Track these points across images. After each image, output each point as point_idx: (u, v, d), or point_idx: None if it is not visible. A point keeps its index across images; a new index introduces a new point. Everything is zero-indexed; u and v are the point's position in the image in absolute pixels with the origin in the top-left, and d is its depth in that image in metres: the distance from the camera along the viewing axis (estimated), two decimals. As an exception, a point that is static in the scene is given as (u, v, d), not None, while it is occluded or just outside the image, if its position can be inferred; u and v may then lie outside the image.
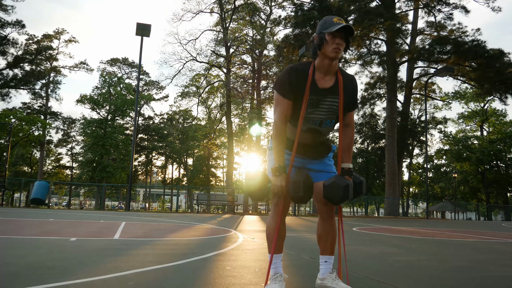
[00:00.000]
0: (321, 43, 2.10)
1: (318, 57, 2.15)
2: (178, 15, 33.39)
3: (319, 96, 2.16)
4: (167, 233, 6.23)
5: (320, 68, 2.15)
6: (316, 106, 2.17)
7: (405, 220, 18.66)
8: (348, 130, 2.29)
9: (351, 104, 2.25)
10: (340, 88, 2.17)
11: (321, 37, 2.10)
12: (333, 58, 2.09)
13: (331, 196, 2.15)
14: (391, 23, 25.65)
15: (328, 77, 2.17)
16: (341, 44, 2.08)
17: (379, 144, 40.91)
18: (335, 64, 2.14)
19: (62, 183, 48.73)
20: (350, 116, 2.28)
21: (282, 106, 2.16)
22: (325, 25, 2.10)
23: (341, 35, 2.07)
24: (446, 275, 3.15)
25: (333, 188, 2.13)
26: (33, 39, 39.38)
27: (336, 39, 2.06)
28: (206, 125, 37.93)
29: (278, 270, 2.26)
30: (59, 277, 2.47)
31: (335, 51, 2.07)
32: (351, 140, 2.30)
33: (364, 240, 6.15)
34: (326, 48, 2.08)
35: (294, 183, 2.10)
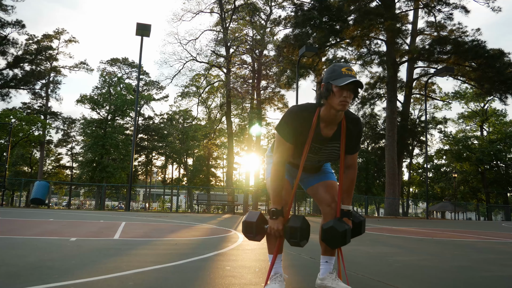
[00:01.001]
0: (328, 94, 2.03)
1: (324, 106, 2.09)
2: (178, 15, 33.37)
3: (321, 145, 2.16)
4: (167, 233, 6.23)
5: (325, 117, 2.11)
6: (317, 153, 2.19)
7: (405, 220, 18.66)
8: (350, 172, 2.25)
9: (353, 147, 2.22)
10: (342, 134, 2.15)
11: (328, 88, 2.02)
12: (340, 111, 2.04)
13: (328, 241, 2.14)
14: (391, 23, 25.65)
15: (331, 125, 2.14)
16: (349, 97, 2.00)
17: (379, 144, 40.91)
18: (340, 115, 2.10)
19: (62, 183, 48.73)
20: (353, 158, 2.25)
21: (282, 149, 2.14)
22: (333, 75, 2.02)
23: (350, 86, 2.00)
24: (446, 275, 3.15)
25: (331, 233, 2.11)
26: (33, 39, 39.40)
27: (344, 92, 1.99)
28: (206, 125, 37.93)
29: (278, 270, 2.26)
30: (59, 277, 2.47)
31: (342, 103, 2.00)
32: (353, 182, 2.26)
33: (364, 240, 6.15)
34: (333, 99, 2.02)
35: (290, 228, 2.08)
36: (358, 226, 2.25)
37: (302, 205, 38.00)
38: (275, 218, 2.12)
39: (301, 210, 35.57)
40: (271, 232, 2.14)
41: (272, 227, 2.12)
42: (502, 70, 26.55)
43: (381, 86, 35.68)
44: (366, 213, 28.01)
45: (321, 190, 2.31)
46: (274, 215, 2.12)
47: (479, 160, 39.47)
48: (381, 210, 49.09)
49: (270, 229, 2.13)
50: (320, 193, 2.32)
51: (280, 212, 2.13)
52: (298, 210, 23.72)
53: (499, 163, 41.68)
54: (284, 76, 27.72)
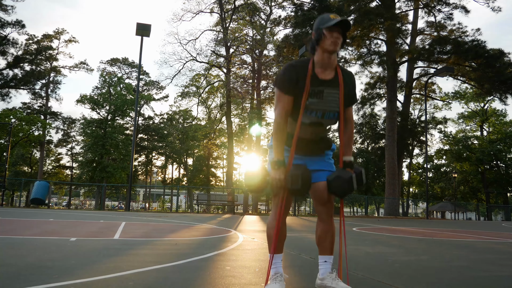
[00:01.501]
0: (319, 38, 2.16)
1: (317, 52, 2.21)
2: (178, 15, 33.45)
3: (320, 87, 2.20)
4: (167, 233, 6.23)
5: (319, 62, 2.20)
6: (319, 97, 2.20)
7: (405, 220, 18.66)
8: (348, 124, 2.35)
9: (351, 98, 2.30)
10: (340, 80, 2.23)
11: (319, 32, 2.16)
12: (332, 51, 2.15)
13: (335, 190, 2.20)
14: (391, 23, 25.66)
15: (327, 71, 2.22)
16: (338, 38, 2.14)
17: (379, 144, 40.89)
18: (334, 58, 2.20)
19: (62, 183, 48.73)
20: (349, 110, 2.34)
21: (283, 102, 2.20)
22: (322, 21, 2.17)
23: (338, 29, 2.14)
24: (446, 275, 3.15)
25: (338, 182, 2.18)
26: (33, 39, 39.39)
27: (333, 33, 2.13)
28: (206, 125, 37.93)
29: (278, 270, 2.26)
30: (59, 277, 2.47)
31: (333, 44, 2.13)
32: (351, 134, 2.36)
33: (364, 240, 6.15)
34: (324, 42, 2.14)
35: (292, 176, 2.12)
36: (360, 175, 2.30)
37: (302, 205, 38.01)
38: (277, 168, 2.17)
39: (301, 210, 35.57)
40: (273, 183, 2.18)
41: (274, 177, 2.17)
42: (502, 70, 26.55)
43: (381, 86, 35.68)
44: (366, 213, 28.01)
45: (321, 189, 2.31)
46: (276, 166, 2.18)
47: (479, 160, 39.46)
48: (381, 210, 49.08)
49: (273, 180, 2.18)
50: (318, 192, 2.31)
51: (282, 163, 2.18)
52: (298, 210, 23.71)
53: (499, 163, 41.66)
54: (284, 76, 27.65)
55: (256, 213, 21.77)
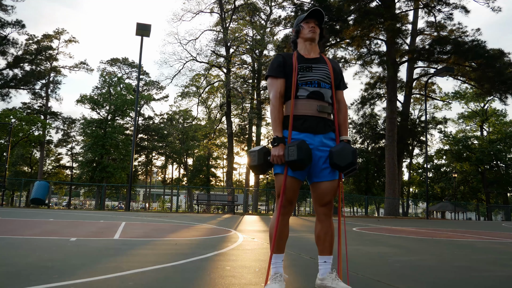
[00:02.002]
0: (298, 30, 2.43)
1: (299, 44, 2.44)
2: (178, 15, 33.51)
3: (308, 63, 2.35)
4: (167, 233, 6.23)
5: (303, 49, 2.42)
6: (309, 70, 2.33)
7: (405, 220, 18.66)
8: (341, 105, 2.44)
9: (339, 80, 2.45)
10: (326, 59, 2.42)
11: (298, 28, 2.44)
12: (311, 39, 2.38)
13: (339, 161, 2.19)
14: (391, 23, 25.65)
15: (311, 54, 2.41)
16: (315, 27, 2.39)
17: (379, 144, 40.90)
18: (315, 46, 2.42)
19: (62, 183, 48.72)
20: (340, 93, 2.46)
21: (275, 85, 2.33)
22: (300, 18, 2.44)
23: (314, 20, 2.39)
24: (446, 275, 3.15)
25: (343, 152, 2.19)
26: (33, 39, 39.42)
27: (310, 24, 2.39)
28: (206, 125, 37.94)
29: (278, 270, 2.26)
30: (59, 277, 2.47)
31: (311, 31, 2.37)
32: (346, 114, 2.44)
33: (364, 240, 6.15)
34: (303, 32, 2.40)
35: (289, 148, 2.15)
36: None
37: (302, 205, 38.03)
38: (276, 144, 2.22)
39: (301, 210, 35.58)
40: (273, 160, 2.21)
41: (274, 154, 2.20)
42: (502, 70, 26.57)
43: (381, 86, 35.70)
44: (366, 213, 28.01)
45: (323, 190, 2.29)
46: (275, 142, 2.22)
47: (479, 160, 39.46)
48: (381, 210, 49.08)
49: (273, 157, 2.21)
50: (320, 192, 2.30)
51: (281, 139, 2.23)
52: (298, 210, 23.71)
53: (499, 163, 41.66)
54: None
55: (256, 213, 21.78)
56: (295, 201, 2.34)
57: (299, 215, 21.90)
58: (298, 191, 2.29)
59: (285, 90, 2.33)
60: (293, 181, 2.25)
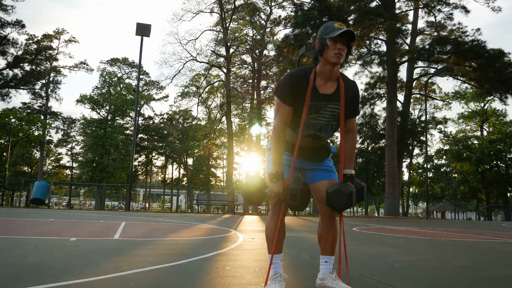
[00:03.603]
0: (322, 49, 2.08)
1: (320, 63, 2.13)
2: (178, 15, 33.38)
3: (320, 102, 2.14)
4: (167, 233, 6.23)
5: (322, 74, 2.13)
6: (318, 112, 2.16)
7: (405, 220, 18.65)
8: (350, 136, 2.27)
9: (352, 110, 2.23)
10: (341, 94, 2.15)
11: (323, 42, 2.07)
12: (335, 64, 2.07)
13: (334, 204, 2.14)
14: (391, 23, 25.64)
15: (329, 83, 2.15)
16: (343, 49, 2.05)
17: (379, 144, 40.89)
18: (336, 70, 2.13)
19: (62, 183, 48.72)
20: (352, 122, 2.26)
21: (282, 112, 2.15)
22: (327, 31, 2.08)
23: (343, 40, 2.04)
24: (446, 275, 3.15)
25: (337, 195, 2.11)
26: (33, 39, 39.38)
27: (337, 45, 2.04)
28: (206, 125, 37.94)
29: (278, 270, 2.26)
30: (59, 277, 2.47)
31: (336, 56, 2.04)
32: (353, 146, 2.28)
33: (364, 240, 6.15)
34: (327, 53, 2.06)
35: (291, 190, 2.09)
36: (361, 191, 2.24)
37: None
38: (275, 181, 2.12)
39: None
40: (271, 195, 2.14)
41: (272, 190, 2.12)
42: (502, 70, 26.55)
43: (381, 86, 35.68)
44: (366, 213, 28.00)
45: (322, 189, 2.30)
46: (274, 178, 2.13)
47: (479, 160, 39.44)
48: (381, 210, 49.07)
49: (271, 193, 2.13)
50: (320, 191, 2.31)
51: (280, 175, 2.13)
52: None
53: (499, 163, 41.64)
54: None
55: (256, 213, 21.77)
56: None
57: (299, 215, 21.88)
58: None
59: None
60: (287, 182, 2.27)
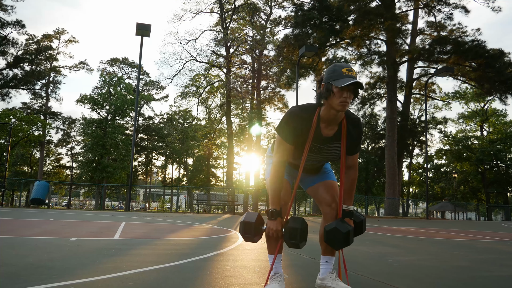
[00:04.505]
0: (328, 94, 2.03)
1: (324, 106, 2.09)
2: (178, 15, 33.45)
3: (322, 144, 2.16)
4: (167, 233, 6.23)
5: (325, 118, 2.10)
6: (318, 153, 2.19)
7: (405, 220, 18.66)
8: (351, 172, 2.25)
9: (354, 148, 2.22)
10: (343, 134, 2.14)
11: (329, 88, 2.02)
12: (340, 111, 2.04)
13: (331, 242, 2.13)
14: (391, 23, 25.64)
15: (331, 126, 2.14)
16: (349, 97, 2.00)
17: (379, 144, 40.90)
18: (340, 115, 2.09)
19: (62, 183, 48.72)
20: (353, 158, 2.24)
21: (283, 150, 2.15)
22: (334, 75, 2.01)
23: (350, 87, 2.00)
24: (446, 275, 3.15)
25: (334, 234, 2.11)
26: (33, 39, 39.38)
27: (344, 93, 1.98)
28: (206, 125, 37.92)
29: (278, 270, 2.26)
30: (59, 277, 2.47)
31: (342, 104, 1.99)
32: (354, 182, 2.26)
33: (364, 240, 6.15)
34: (333, 100, 2.01)
35: (290, 229, 2.08)
36: (360, 225, 2.26)
37: (302, 205, 37.99)
38: (273, 218, 2.12)
39: (301, 210, 35.57)
40: (269, 233, 2.14)
41: (270, 227, 2.13)
42: (502, 70, 26.54)
43: (381, 86, 35.67)
44: (366, 213, 28.01)
45: (322, 190, 2.31)
46: (273, 216, 2.12)
47: (479, 160, 39.44)
48: (381, 210, 49.07)
49: (269, 230, 2.13)
50: (320, 193, 2.32)
51: (278, 213, 2.13)
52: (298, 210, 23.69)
53: (499, 163, 41.64)
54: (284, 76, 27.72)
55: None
56: (289, 201, 2.34)
57: (299, 215, 21.89)
58: (290, 192, 2.30)
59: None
60: (285, 183, 2.28)
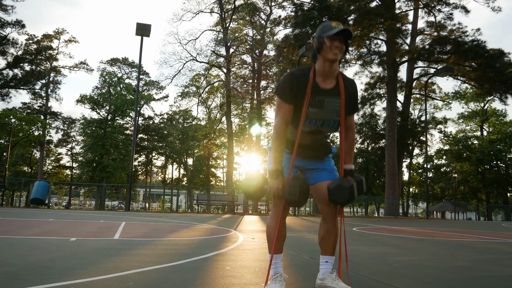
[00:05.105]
0: (320, 47, 2.14)
1: (318, 61, 2.18)
2: (178, 15, 33.55)
3: (321, 97, 2.19)
4: (167, 233, 6.23)
5: (321, 71, 2.18)
6: (319, 107, 2.19)
7: (405, 220, 18.66)
8: (349, 133, 2.32)
9: (352, 107, 2.28)
10: (341, 89, 2.20)
11: (320, 41, 2.14)
12: (333, 60, 2.13)
13: (336, 199, 2.18)
14: (391, 23, 25.65)
15: (329, 80, 2.20)
16: (340, 47, 2.11)
17: (379, 144, 40.89)
18: (335, 67, 2.18)
19: (62, 183, 48.70)
20: (351, 119, 2.31)
21: (283, 110, 2.20)
22: (324, 29, 2.15)
23: (340, 38, 2.12)
24: (446, 275, 3.15)
25: (338, 190, 2.16)
26: (33, 39, 39.39)
27: (335, 42, 2.10)
28: (206, 125, 37.94)
29: (278, 270, 2.26)
30: (59, 277, 2.47)
31: (334, 53, 2.11)
32: (352, 142, 2.34)
33: (364, 240, 6.15)
34: (325, 51, 2.13)
35: (290, 187, 2.12)
36: (360, 184, 2.30)
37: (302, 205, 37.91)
38: (275, 177, 2.17)
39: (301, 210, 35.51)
40: (271, 191, 2.18)
41: (272, 186, 2.17)
42: (502, 70, 26.55)
43: (381, 86, 35.68)
44: (366, 213, 28.01)
45: (323, 189, 2.31)
46: (274, 175, 2.17)
47: (479, 160, 39.44)
48: (381, 210, 49.06)
49: (270, 189, 2.17)
50: (321, 192, 2.32)
51: (280, 172, 2.18)
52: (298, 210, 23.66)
53: (499, 163, 41.64)
54: (284, 76, 27.70)
55: (256, 213, 21.77)
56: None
57: (299, 215, 21.89)
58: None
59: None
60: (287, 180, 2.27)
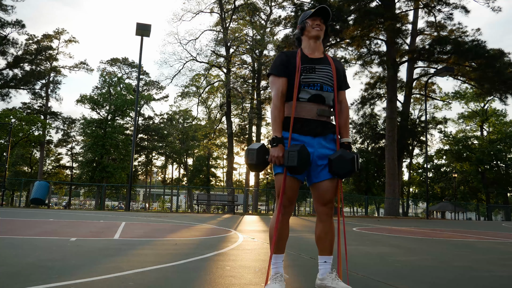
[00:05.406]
0: (303, 27, 2.38)
1: (303, 42, 2.41)
2: (178, 15, 33.55)
3: (311, 64, 2.33)
4: (167, 233, 6.23)
5: (307, 47, 2.38)
6: (312, 72, 2.31)
7: (405, 220, 18.66)
8: (343, 106, 2.42)
9: (342, 83, 2.43)
10: (329, 60, 2.39)
11: (302, 25, 2.39)
12: (316, 36, 2.35)
13: (338, 169, 2.20)
14: (391, 23, 25.65)
15: (316, 53, 2.38)
16: (321, 24, 2.35)
17: (379, 144, 40.87)
18: (319, 44, 2.39)
19: (62, 183, 48.70)
20: (343, 93, 2.44)
21: (277, 84, 2.30)
22: (305, 14, 2.41)
23: (320, 18, 2.35)
24: (446, 275, 3.15)
25: (340, 161, 2.19)
26: (33, 39, 39.40)
27: (315, 21, 2.34)
28: (206, 125, 37.93)
29: (278, 270, 2.26)
30: (59, 277, 2.47)
31: (316, 29, 2.33)
32: (347, 116, 2.43)
33: (364, 240, 6.15)
34: (308, 30, 2.36)
35: (289, 152, 2.14)
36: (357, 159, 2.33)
37: (302, 205, 38.02)
38: (275, 145, 2.20)
39: (301, 210, 35.58)
40: (271, 160, 2.20)
41: (272, 154, 2.20)
42: (502, 70, 26.55)
43: (381, 86, 35.69)
44: (366, 213, 28.01)
45: (324, 189, 2.29)
46: (274, 142, 2.21)
47: (479, 160, 39.44)
48: (381, 210, 49.05)
49: (271, 157, 2.20)
50: (321, 191, 2.30)
51: (280, 140, 2.22)
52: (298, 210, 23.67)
53: (499, 163, 41.64)
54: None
55: (256, 213, 21.78)
56: (295, 201, 2.34)
57: (299, 215, 21.89)
58: (298, 191, 2.30)
59: (287, 89, 2.31)
60: (293, 181, 2.26)
